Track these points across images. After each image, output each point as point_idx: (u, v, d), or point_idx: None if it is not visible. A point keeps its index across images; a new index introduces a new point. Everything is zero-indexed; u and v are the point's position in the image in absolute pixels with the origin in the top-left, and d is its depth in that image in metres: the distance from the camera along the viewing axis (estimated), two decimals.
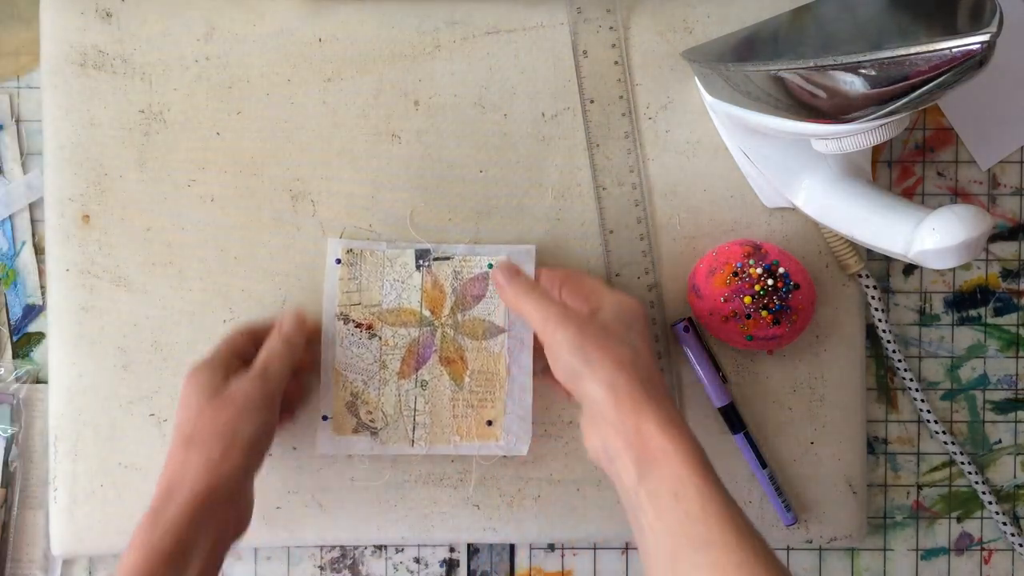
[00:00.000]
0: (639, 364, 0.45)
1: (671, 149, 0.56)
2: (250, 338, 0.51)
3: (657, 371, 0.46)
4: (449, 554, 0.59)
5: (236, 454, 0.46)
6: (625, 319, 0.47)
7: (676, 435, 0.42)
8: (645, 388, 0.44)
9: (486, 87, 0.55)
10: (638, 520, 0.42)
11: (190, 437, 0.46)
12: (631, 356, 0.45)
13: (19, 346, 0.58)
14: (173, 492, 0.44)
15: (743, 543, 0.38)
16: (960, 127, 0.58)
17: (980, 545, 0.60)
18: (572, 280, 0.51)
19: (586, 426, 0.46)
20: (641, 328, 0.47)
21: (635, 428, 0.42)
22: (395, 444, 0.54)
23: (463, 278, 0.54)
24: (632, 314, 0.47)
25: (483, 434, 0.54)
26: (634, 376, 0.44)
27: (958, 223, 0.43)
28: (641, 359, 0.45)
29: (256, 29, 0.55)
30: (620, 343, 0.45)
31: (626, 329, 0.46)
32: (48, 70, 0.54)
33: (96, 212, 0.55)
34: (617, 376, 0.44)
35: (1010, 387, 0.59)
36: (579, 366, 0.45)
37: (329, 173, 0.55)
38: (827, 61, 0.41)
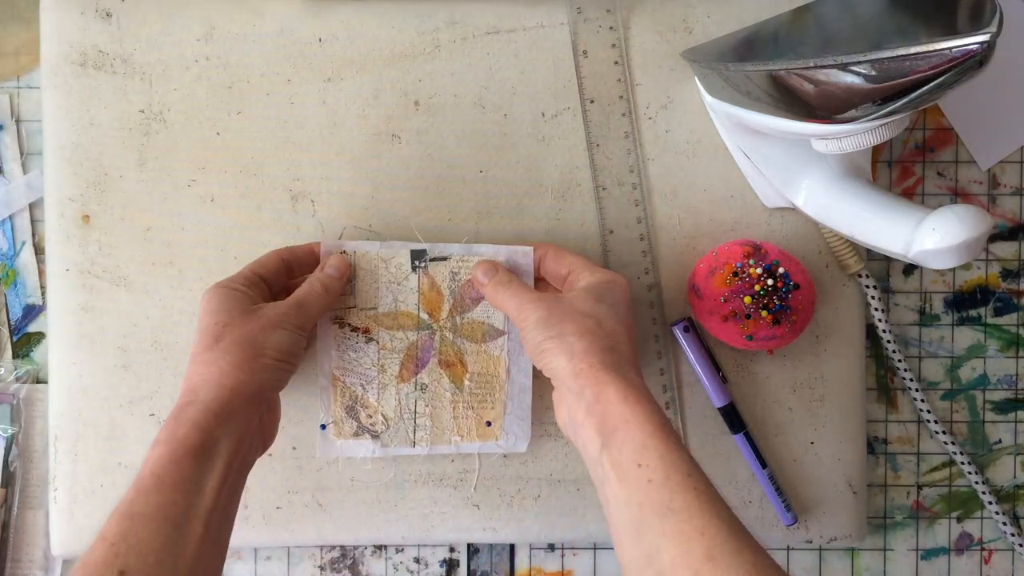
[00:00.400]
0: (601, 332, 0.45)
1: (671, 149, 0.56)
2: (283, 266, 0.51)
3: (626, 340, 0.46)
4: (449, 554, 0.59)
5: (266, 362, 0.45)
6: (597, 292, 0.47)
7: (637, 402, 0.42)
8: (605, 356, 0.44)
9: (486, 87, 0.55)
10: (603, 489, 0.42)
11: (216, 340, 0.45)
12: (593, 326, 0.45)
13: (19, 346, 0.58)
14: (198, 391, 0.44)
15: (706, 508, 0.38)
16: (960, 127, 0.58)
17: (980, 545, 0.60)
18: (552, 257, 0.51)
19: (555, 399, 0.47)
20: (614, 300, 0.47)
21: (595, 396, 0.43)
22: (396, 446, 0.54)
23: (461, 279, 0.53)
24: (607, 289, 0.48)
25: (483, 434, 0.54)
26: (594, 344, 0.44)
27: (958, 223, 0.43)
28: (604, 328, 0.45)
29: (256, 29, 0.55)
30: (584, 315, 0.46)
31: (595, 301, 0.47)
32: (48, 70, 0.54)
33: (96, 212, 0.55)
34: (577, 345, 0.44)
35: (1010, 387, 0.59)
36: (543, 340, 0.46)
37: (329, 173, 0.55)
38: (827, 61, 0.41)
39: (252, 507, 0.55)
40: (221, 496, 0.42)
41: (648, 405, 0.42)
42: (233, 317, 0.46)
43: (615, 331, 0.46)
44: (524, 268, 0.53)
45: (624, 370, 0.44)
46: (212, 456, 0.42)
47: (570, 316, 0.46)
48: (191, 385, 0.44)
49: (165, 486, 0.40)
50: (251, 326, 0.46)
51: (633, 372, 0.44)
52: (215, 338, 0.45)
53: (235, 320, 0.46)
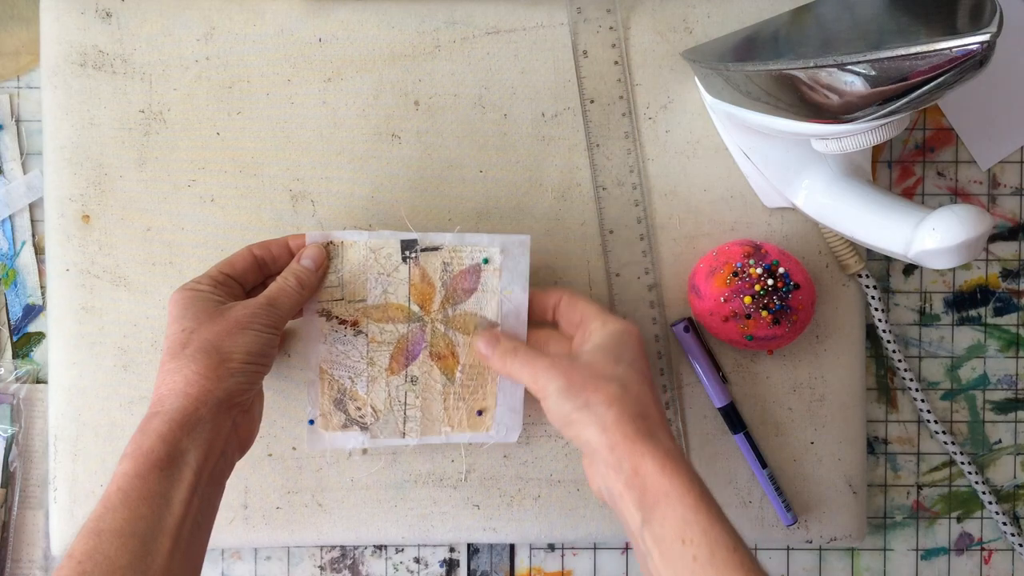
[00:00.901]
0: (629, 399, 0.43)
1: (671, 149, 0.56)
2: (254, 263, 0.49)
3: (652, 400, 0.45)
4: (449, 554, 0.59)
5: (232, 367, 0.44)
6: (614, 350, 0.46)
7: (675, 472, 0.41)
8: (638, 425, 0.43)
9: (486, 87, 0.55)
10: (645, 563, 0.41)
11: (182, 347, 0.44)
12: (619, 392, 0.43)
13: (19, 346, 0.58)
14: (164, 401, 0.43)
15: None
16: (960, 127, 0.58)
17: (980, 545, 0.60)
18: (565, 303, 0.50)
19: (587, 468, 0.46)
20: (633, 356, 0.46)
21: (633, 469, 0.41)
22: (386, 438, 0.53)
23: (453, 270, 0.52)
24: (622, 342, 0.46)
25: (474, 424, 0.53)
26: (625, 413, 0.43)
27: (958, 223, 0.43)
28: (631, 392, 0.44)
29: (256, 29, 0.55)
30: (608, 380, 0.44)
31: (615, 362, 0.45)
32: (48, 70, 0.54)
33: (96, 212, 0.55)
34: (608, 415, 0.43)
35: (1010, 387, 0.59)
36: (570, 412, 0.44)
37: (329, 173, 0.55)
38: (827, 61, 0.41)
39: (252, 507, 0.55)
40: (191, 508, 0.42)
41: (686, 474, 0.41)
42: (199, 322, 0.45)
43: (641, 393, 0.44)
44: (520, 259, 0.51)
45: (658, 437, 0.43)
46: (179, 467, 0.42)
47: (593, 382, 0.44)
48: (158, 396, 0.43)
49: (131, 501, 0.40)
50: (217, 329, 0.44)
51: (666, 436, 0.43)
52: (180, 345, 0.44)
53: (201, 325, 0.45)
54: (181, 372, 0.43)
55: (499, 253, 0.51)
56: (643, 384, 0.45)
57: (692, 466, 0.42)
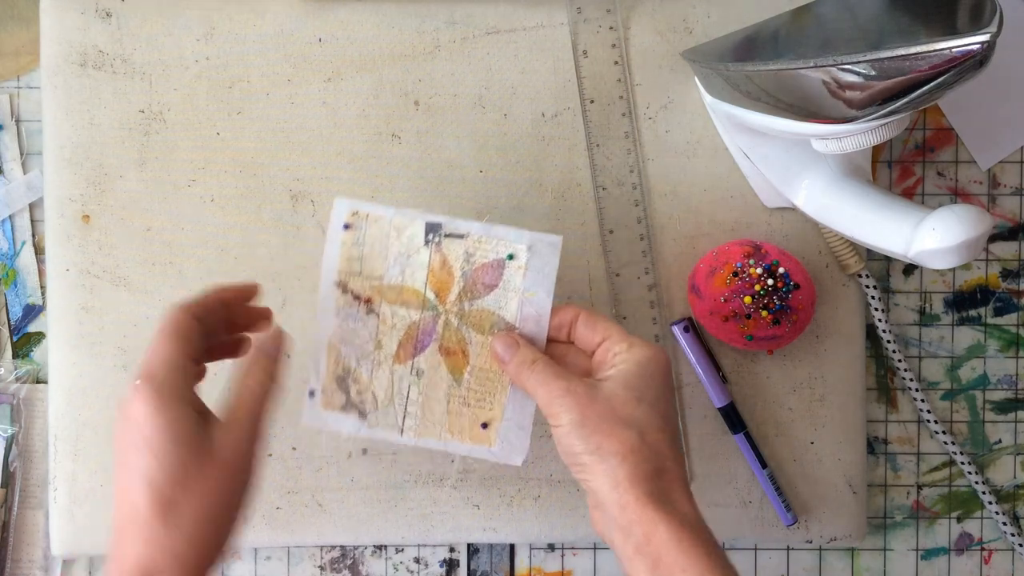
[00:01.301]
0: (646, 450, 0.40)
1: (671, 149, 0.56)
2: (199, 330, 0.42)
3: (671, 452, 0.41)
4: (449, 554, 0.59)
5: (234, 526, 0.39)
6: (637, 385, 0.42)
7: (693, 545, 0.38)
8: (652, 485, 0.39)
9: (486, 87, 0.55)
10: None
11: (169, 506, 0.37)
12: (636, 442, 0.40)
13: (19, 346, 0.58)
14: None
15: None
16: (960, 127, 0.58)
17: (980, 545, 0.60)
18: (583, 321, 0.46)
19: (593, 511, 0.43)
20: (656, 392, 0.42)
21: (646, 537, 0.38)
22: (383, 430, 0.50)
23: (475, 262, 0.48)
24: (647, 374, 0.42)
25: (476, 436, 0.50)
26: (639, 469, 0.39)
27: (958, 223, 0.43)
28: (648, 442, 0.40)
29: (256, 29, 0.55)
30: (626, 425, 0.40)
31: (636, 401, 0.41)
32: (48, 70, 0.54)
33: (96, 212, 0.55)
34: (620, 470, 0.39)
35: (1010, 387, 0.59)
36: (580, 453, 0.41)
37: (329, 173, 0.55)
38: (827, 61, 0.41)
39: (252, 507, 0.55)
40: None
41: (705, 546, 0.38)
42: (188, 473, 0.37)
43: (659, 444, 0.40)
44: (548, 260, 0.48)
45: (674, 500, 0.40)
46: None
47: (608, 425, 0.40)
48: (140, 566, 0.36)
49: None
50: (210, 487, 0.38)
51: (684, 498, 0.40)
52: (167, 504, 0.37)
53: (191, 479, 0.37)
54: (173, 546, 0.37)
55: (526, 250, 0.48)
56: (663, 431, 0.41)
57: (711, 534, 0.39)
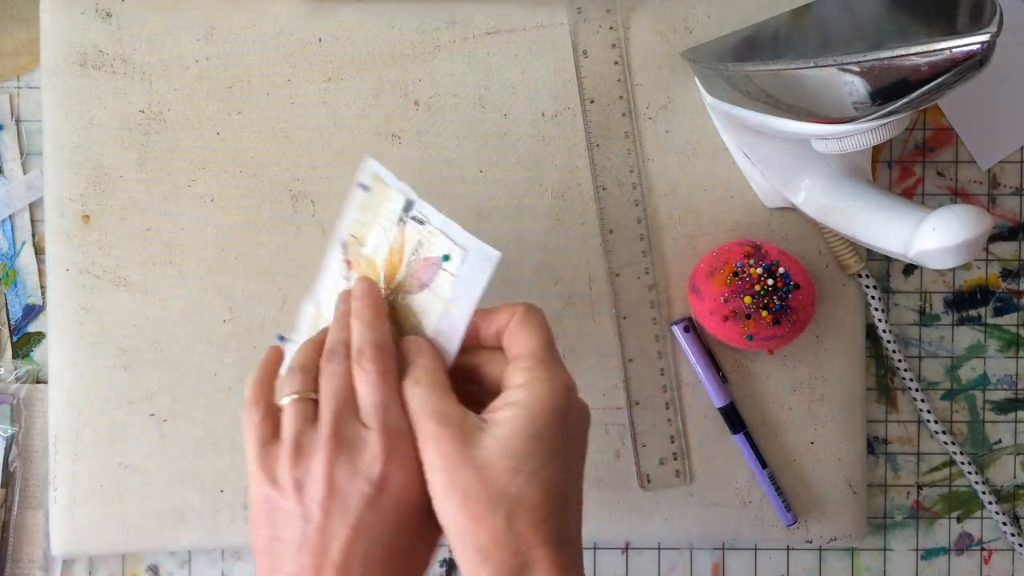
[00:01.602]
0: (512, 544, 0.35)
1: (671, 149, 0.56)
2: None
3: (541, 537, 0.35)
4: (449, 554, 0.59)
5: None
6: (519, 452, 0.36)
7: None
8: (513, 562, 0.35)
9: (486, 87, 0.55)
10: None
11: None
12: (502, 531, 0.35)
13: (19, 346, 0.58)
14: None
15: None
16: (960, 127, 0.58)
17: (980, 545, 0.60)
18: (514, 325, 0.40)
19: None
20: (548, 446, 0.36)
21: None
22: None
23: (421, 254, 0.43)
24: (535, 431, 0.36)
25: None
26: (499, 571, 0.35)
27: (958, 223, 0.43)
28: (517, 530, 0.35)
29: (256, 29, 0.55)
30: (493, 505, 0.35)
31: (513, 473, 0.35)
32: (48, 70, 0.54)
33: (96, 212, 0.55)
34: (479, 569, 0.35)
35: (1010, 387, 0.59)
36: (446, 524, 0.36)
37: (329, 173, 0.55)
38: (827, 61, 0.41)
39: None
40: None
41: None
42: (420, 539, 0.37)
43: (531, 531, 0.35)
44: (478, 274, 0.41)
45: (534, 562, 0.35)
46: None
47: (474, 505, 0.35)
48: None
49: None
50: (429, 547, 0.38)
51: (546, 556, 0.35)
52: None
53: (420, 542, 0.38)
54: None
55: (460, 255, 0.42)
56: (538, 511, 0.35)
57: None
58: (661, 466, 0.56)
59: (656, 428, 0.56)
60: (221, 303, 0.55)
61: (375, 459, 0.36)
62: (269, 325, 0.55)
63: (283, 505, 0.36)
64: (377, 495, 0.35)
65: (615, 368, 0.56)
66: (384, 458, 0.36)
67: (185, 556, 0.58)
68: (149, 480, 0.55)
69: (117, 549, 0.56)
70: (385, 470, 0.36)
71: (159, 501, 0.55)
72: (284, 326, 0.54)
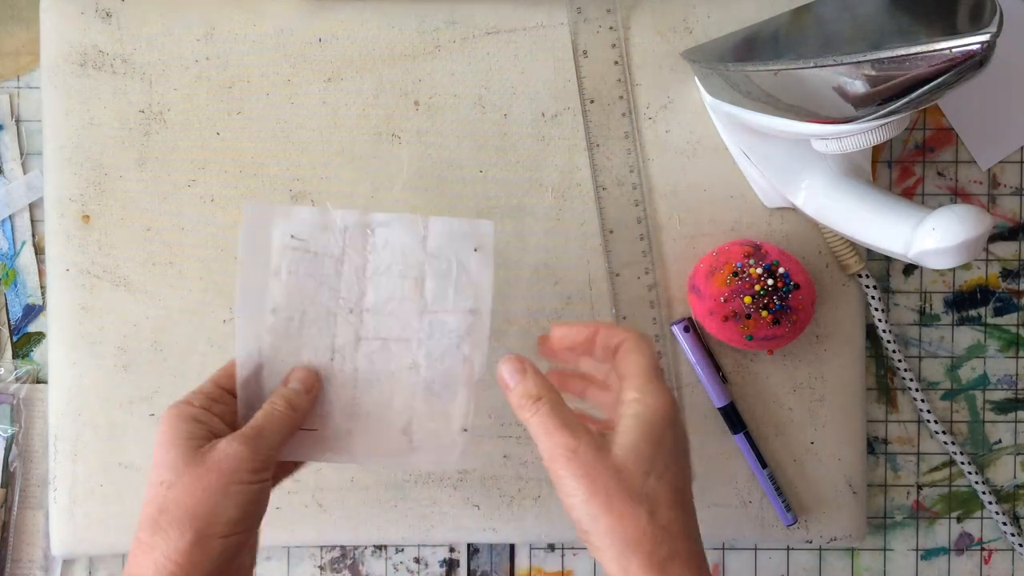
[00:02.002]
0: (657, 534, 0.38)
1: (671, 149, 0.56)
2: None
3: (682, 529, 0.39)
4: (449, 554, 0.59)
5: (214, 544, 0.39)
6: (647, 455, 0.39)
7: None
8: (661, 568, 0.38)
9: (486, 87, 0.55)
10: None
11: (158, 515, 0.39)
12: (647, 524, 0.38)
13: (19, 346, 0.58)
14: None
15: None
16: (960, 127, 0.58)
17: (980, 545, 0.60)
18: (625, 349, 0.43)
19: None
20: (667, 458, 0.40)
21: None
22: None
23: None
24: (656, 433, 0.40)
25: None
26: (651, 561, 0.38)
27: (958, 223, 0.43)
28: (660, 523, 0.38)
29: (256, 29, 0.55)
30: (636, 503, 0.38)
31: (646, 475, 0.39)
32: (48, 70, 0.54)
33: (96, 212, 0.55)
34: (632, 560, 0.38)
35: (1010, 387, 0.59)
36: (590, 532, 0.39)
37: (329, 173, 0.55)
38: (827, 61, 0.41)
39: None
40: None
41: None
42: (178, 473, 0.39)
43: (671, 523, 0.38)
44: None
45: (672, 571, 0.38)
46: None
47: (619, 504, 0.38)
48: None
49: None
50: (197, 488, 0.39)
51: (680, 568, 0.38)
52: (158, 509, 0.39)
53: (179, 478, 0.39)
54: (155, 552, 0.38)
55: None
56: (673, 507, 0.39)
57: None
58: None
59: None
60: (221, 303, 0.55)
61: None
62: None
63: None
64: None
65: None
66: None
67: None
68: None
69: (117, 549, 0.56)
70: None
71: None
72: None
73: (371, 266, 0.45)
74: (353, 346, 0.45)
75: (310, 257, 0.44)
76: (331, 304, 0.45)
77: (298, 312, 0.44)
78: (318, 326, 0.45)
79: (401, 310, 0.45)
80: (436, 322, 0.45)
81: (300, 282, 0.44)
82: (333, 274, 0.45)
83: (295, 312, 0.44)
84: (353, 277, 0.45)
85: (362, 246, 0.45)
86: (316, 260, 0.44)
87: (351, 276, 0.45)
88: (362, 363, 0.45)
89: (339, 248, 0.44)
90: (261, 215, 0.44)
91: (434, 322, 0.45)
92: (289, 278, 0.44)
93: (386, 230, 0.45)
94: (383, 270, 0.45)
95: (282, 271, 0.44)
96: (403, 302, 0.45)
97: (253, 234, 0.44)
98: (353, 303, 0.45)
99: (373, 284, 0.45)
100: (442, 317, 0.45)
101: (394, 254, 0.45)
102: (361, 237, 0.45)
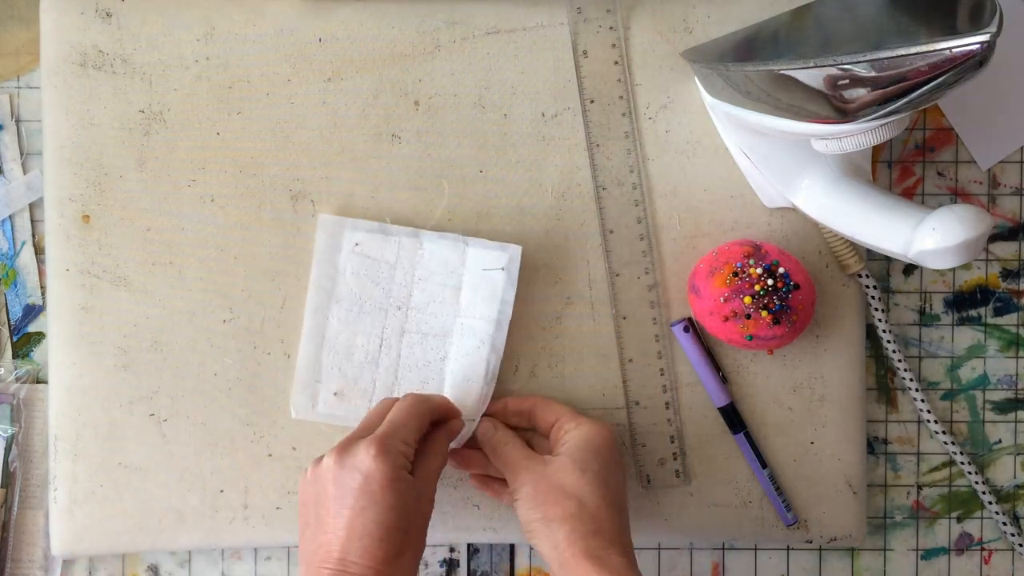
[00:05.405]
0: (585, 517, 0.45)
1: (671, 149, 0.56)
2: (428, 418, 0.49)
3: (608, 517, 0.46)
4: (449, 554, 0.59)
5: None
6: (581, 459, 0.47)
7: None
8: (588, 542, 0.45)
9: (486, 87, 0.55)
10: None
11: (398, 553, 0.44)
12: (576, 509, 0.46)
13: (19, 346, 0.58)
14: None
15: None
16: (960, 127, 0.58)
17: (980, 545, 0.60)
18: (539, 408, 0.52)
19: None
20: (600, 463, 0.48)
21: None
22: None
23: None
24: (591, 448, 0.48)
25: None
26: (576, 530, 0.45)
27: (958, 223, 0.43)
28: (588, 508, 0.46)
29: (256, 29, 0.55)
30: (567, 496, 0.46)
31: (580, 472, 0.47)
32: (48, 70, 0.54)
33: (96, 212, 0.55)
34: (558, 532, 0.45)
35: (1010, 387, 0.59)
36: (530, 521, 0.47)
37: (329, 173, 0.55)
38: (827, 61, 0.41)
39: (252, 507, 0.55)
40: None
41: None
42: (413, 526, 0.45)
43: (598, 510, 0.46)
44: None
45: (608, 557, 0.44)
46: None
47: (554, 496, 0.46)
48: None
49: None
50: (420, 535, 0.46)
51: (618, 553, 0.45)
52: (397, 551, 0.44)
53: (413, 530, 0.45)
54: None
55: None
56: (604, 498, 0.47)
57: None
58: (661, 466, 0.56)
59: (656, 428, 0.56)
60: (221, 303, 0.55)
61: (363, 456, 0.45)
62: (269, 325, 0.55)
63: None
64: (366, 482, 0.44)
65: (615, 368, 0.56)
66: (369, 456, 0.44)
67: (185, 556, 0.58)
68: (149, 480, 0.55)
69: (117, 549, 0.56)
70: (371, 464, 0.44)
71: (159, 501, 0.55)
72: (284, 326, 0.55)
73: (418, 273, 0.54)
74: (398, 337, 0.54)
75: (370, 262, 0.54)
76: (383, 301, 0.54)
77: (357, 304, 0.54)
78: (372, 317, 0.54)
79: (440, 311, 0.54)
80: (466, 325, 0.54)
81: (360, 281, 0.54)
82: (387, 277, 0.54)
83: (355, 304, 0.54)
84: (403, 281, 0.54)
85: (412, 256, 0.54)
86: (375, 264, 0.54)
87: (402, 280, 0.54)
88: (404, 351, 0.54)
89: (394, 256, 0.54)
90: (334, 225, 0.53)
91: (465, 325, 0.54)
92: (352, 277, 0.54)
93: (433, 244, 0.54)
94: (428, 277, 0.54)
95: (347, 271, 0.53)
96: (442, 305, 0.54)
97: (326, 240, 0.53)
98: (401, 302, 0.54)
99: (419, 288, 0.54)
100: (471, 322, 0.54)
101: (438, 265, 0.54)
102: (412, 249, 0.54)
